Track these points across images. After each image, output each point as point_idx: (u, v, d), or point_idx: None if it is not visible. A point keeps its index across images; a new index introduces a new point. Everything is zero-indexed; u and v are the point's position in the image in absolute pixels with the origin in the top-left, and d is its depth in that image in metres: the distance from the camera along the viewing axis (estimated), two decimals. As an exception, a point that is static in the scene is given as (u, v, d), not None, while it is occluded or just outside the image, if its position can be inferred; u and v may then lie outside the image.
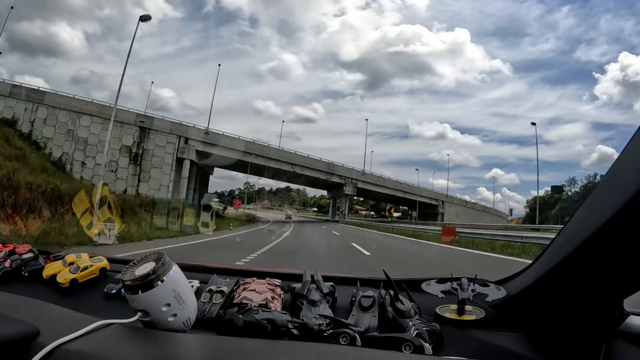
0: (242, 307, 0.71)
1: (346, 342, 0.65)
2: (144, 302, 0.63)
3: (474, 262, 7.99)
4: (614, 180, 0.53)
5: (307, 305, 0.80)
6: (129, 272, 0.65)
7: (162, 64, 73.67)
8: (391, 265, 7.00)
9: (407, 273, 2.62)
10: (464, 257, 8.99)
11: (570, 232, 0.62)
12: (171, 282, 0.65)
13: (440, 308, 0.83)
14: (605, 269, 0.56)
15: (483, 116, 71.71)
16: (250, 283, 0.87)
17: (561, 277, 0.63)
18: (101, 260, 0.99)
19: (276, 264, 6.69)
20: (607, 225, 0.49)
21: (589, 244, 0.54)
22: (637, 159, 0.48)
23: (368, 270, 5.88)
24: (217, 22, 76.11)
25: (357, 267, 6.61)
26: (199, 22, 70.51)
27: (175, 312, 0.65)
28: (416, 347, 0.64)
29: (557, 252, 0.63)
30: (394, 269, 5.14)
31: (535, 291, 0.71)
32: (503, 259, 8.22)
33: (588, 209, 0.59)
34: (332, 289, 0.87)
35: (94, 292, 0.91)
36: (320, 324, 0.70)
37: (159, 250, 0.73)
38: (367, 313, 0.80)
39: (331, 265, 6.95)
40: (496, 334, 0.75)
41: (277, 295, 0.84)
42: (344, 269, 5.96)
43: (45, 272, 0.95)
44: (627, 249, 0.51)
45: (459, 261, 8.34)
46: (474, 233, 14.56)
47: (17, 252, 1.00)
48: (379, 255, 8.90)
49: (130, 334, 0.60)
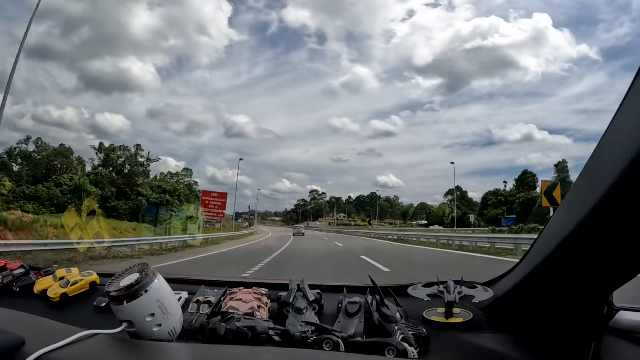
0: (225, 315, 0.71)
1: (329, 347, 0.65)
2: (128, 313, 0.64)
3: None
4: (591, 175, 0.53)
5: (293, 313, 0.80)
6: (114, 284, 0.66)
7: (236, 94, 73.01)
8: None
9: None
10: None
11: (552, 229, 0.63)
12: (155, 292, 0.66)
13: (428, 312, 0.82)
14: (589, 263, 0.56)
15: (566, 115, 63.06)
16: (236, 293, 0.88)
17: (547, 275, 0.63)
18: (91, 274, 1.00)
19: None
20: (586, 220, 0.50)
21: (571, 239, 0.54)
22: (612, 152, 0.49)
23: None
24: (284, 44, 75.37)
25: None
26: (266, 45, 69.49)
27: (160, 322, 0.66)
28: (399, 351, 0.64)
29: (541, 249, 0.64)
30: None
31: (523, 290, 0.71)
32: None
33: (568, 204, 0.59)
34: (318, 296, 0.88)
35: (84, 306, 0.92)
36: (305, 330, 0.70)
37: (144, 261, 0.74)
38: (353, 319, 0.80)
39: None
40: (484, 335, 0.74)
41: (263, 304, 0.85)
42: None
43: (36, 287, 0.97)
44: (609, 243, 0.51)
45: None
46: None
47: (8, 268, 1.01)
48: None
49: (115, 344, 0.61)
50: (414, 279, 0.99)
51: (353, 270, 7.85)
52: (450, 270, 7.68)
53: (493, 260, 9.25)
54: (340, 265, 8.94)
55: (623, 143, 0.46)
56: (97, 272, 1.02)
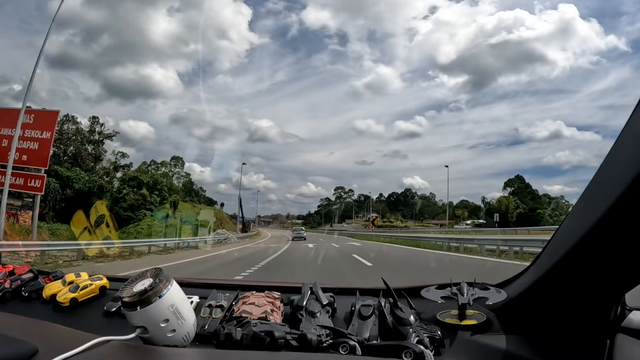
0: (241, 320, 0.71)
1: (346, 351, 0.65)
2: (142, 318, 0.63)
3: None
4: (606, 175, 0.53)
5: (307, 317, 0.79)
6: (127, 289, 0.65)
7: (259, 99, 72.48)
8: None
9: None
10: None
11: (566, 230, 0.62)
12: (169, 298, 0.65)
13: (441, 314, 0.82)
14: (603, 265, 0.56)
15: (591, 111, 62.76)
16: (249, 297, 0.87)
17: (560, 276, 0.62)
18: (100, 278, 0.99)
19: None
20: (601, 221, 0.50)
21: (585, 241, 0.54)
22: (627, 153, 0.49)
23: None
24: (305, 47, 71.60)
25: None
26: (288, 48, 69.21)
27: (174, 328, 0.65)
28: (417, 353, 0.64)
29: (555, 251, 0.63)
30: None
31: (536, 292, 0.71)
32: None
33: (582, 205, 0.59)
34: (331, 300, 0.87)
35: (94, 311, 0.91)
36: (320, 334, 0.69)
37: (158, 266, 0.73)
38: (367, 322, 0.79)
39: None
40: (498, 337, 0.74)
41: (276, 307, 0.84)
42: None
43: (45, 292, 0.96)
44: (623, 245, 0.51)
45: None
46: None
47: (17, 273, 1.01)
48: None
49: (129, 351, 0.60)
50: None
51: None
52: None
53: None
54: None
55: (638, 143, 0.46)
56: (106, 277, 1.01)
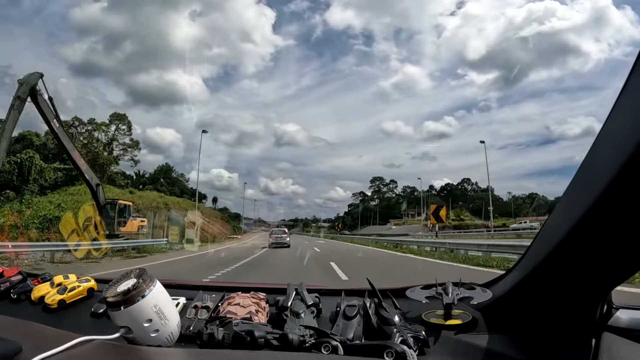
0: (224, 320, 0.71)
1: (328, 351, 0.65)
2: (126, 318, 0.64)
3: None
4: (588, 173, 0.54)
5: (291, 317, 0.80)
6: (111, 289, 0.66)
7: (285, 105, 71.82)
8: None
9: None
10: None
11: (550, 229, 0.63)
12: (152, 298, 0.66)
13: (427, 314, 0.82)
14: (587, 262, 0.56)
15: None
16: (234, 297, 0.87)
17: (546, 275, 0.63)
18: (89, 280, 0.99)
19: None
20: (583, 219, 0.50)
21: (568, 239, 0.54)
22: (608, 151, 0.50)
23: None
24: (330, 49, 71.09)
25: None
26: (313, 51, 67.82)
27: (158, 328, 0.65)
28: (398, 353, 0.64)
29: (540, 249, 0.64)
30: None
31: (522, 291, 0.71)
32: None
33: (564, 205, 0.59)
34: (316, 300, 0.87)
35: (82, 312, 0.92)
36: (303, 334, 0.70)
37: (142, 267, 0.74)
38: (351, 322, 0.80)
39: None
40: (484, 336, 0.74)
41: (261, 308, 0.84)
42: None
43: (33, 294, 0.96)
44: (606, 242, 0.52)
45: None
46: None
47: (6, 275, 1.01)
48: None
49: (112, 350, 0.60)
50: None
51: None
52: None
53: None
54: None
55: (618, 141, 0.47)
56: (94, 278, 1.02)
